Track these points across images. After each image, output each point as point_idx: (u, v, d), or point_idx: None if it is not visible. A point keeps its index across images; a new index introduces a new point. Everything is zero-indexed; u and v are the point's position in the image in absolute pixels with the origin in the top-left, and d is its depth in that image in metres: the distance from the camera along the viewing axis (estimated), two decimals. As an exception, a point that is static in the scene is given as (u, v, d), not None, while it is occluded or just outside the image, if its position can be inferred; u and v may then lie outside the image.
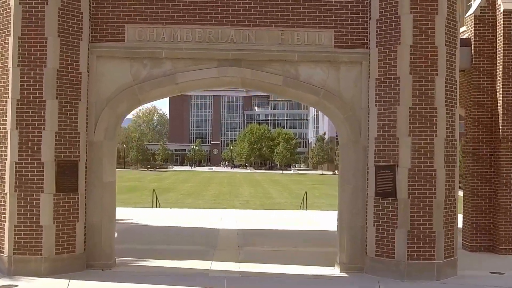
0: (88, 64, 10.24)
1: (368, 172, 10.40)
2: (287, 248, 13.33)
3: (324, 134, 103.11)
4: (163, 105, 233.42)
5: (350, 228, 10.55)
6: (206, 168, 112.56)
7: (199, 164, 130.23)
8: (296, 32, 10.43)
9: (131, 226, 17.28)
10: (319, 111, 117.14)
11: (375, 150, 10.24)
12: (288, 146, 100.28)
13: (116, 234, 15.20)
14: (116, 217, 20.09)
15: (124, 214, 20.70)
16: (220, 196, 42.50)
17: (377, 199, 10.15)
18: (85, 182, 10.17)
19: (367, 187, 10.40)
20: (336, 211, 25.75)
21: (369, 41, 10.42)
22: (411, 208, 9.88)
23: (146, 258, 11.58)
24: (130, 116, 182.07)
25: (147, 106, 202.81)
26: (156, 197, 25.86)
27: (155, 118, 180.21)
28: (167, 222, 18.31)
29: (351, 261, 10.49)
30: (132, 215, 20.36)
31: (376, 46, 10.23)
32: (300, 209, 26.35)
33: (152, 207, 25.08)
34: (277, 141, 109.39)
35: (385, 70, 10.13)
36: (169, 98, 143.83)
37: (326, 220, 19.67)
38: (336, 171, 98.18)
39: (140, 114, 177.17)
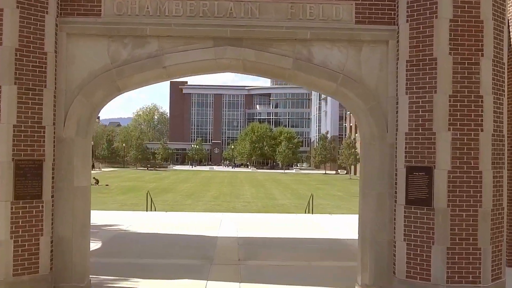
0: (56, 43, 8.40)
1: (396, 175, 8.55)
2: (297, 262, 11.49)
3: (327, 133, 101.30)
4: (163, 104, 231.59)
5: (374, 243, 8.70)
6: (207, 168, 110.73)
7: (199, 163, 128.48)
8: (309, 4, 8.58)
9: (119, 233, 15.45)
10: (322, 109, 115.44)
11: (405, 148, 8.38)
12: (290, 145, 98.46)
13: (99, 244, 13.40)
14: (105, 223, 18.35)
15: (115, 218, 18.89)
16: (220, 197, 40.69)
17: (408, 208, 8.31)
18: (52, 187, 8.34)
19: (396, 194, 8.56)
20: (346, 216, 23.97)
21: (398, 15, 8.57)
22: (451, 220, 8.03)
23: (130, 276, 9.75)
24: (130, 115, 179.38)
25: (148, 104, 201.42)
26: (151, 199, 24.01)
27: (156, 117, 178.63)
28: (160, 229, 16.49)
29: (375, 283, 8.65)
30: (124, 219, 18.55)
31: (407, 21, 8.37)
32: (305, 213, 24.50)
33: (146, 210, 23.26)
34: (279, 140, 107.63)
35: (418, 50, 8.28)
36: (170, 96, 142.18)
37: (336, 226, 17.82)
38: (339, 170, 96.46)
39: (141, 112, 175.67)
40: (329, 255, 12.40)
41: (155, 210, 24.04)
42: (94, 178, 52.77)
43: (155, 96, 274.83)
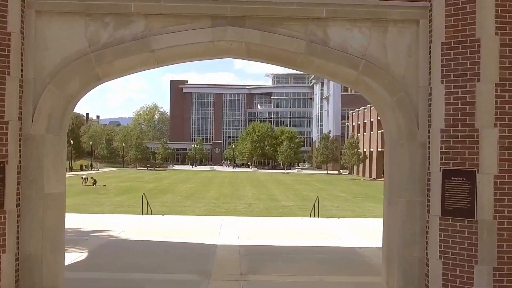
0: (22, 22, 7.04)
1: (430, 181, 7.18)
2: (307, 277, 10.10)
3: (329, 132, 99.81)
4: (164, 104, 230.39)
5: (402, 260, 7.33)
6: (207, 167, 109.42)
7: (200, 163, 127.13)
8: (325, -23, 7.21)
9: (109, 241, 14.07)
10: (323, 109, 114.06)
11: (441, 148, 7.01)
12: (291, 145, 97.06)
13: (85, 254, 12.03)
14: (96, 228, 16.92)
15: (108, 223, 17.52)
16: (220, 198, 39.34)
17: (445, 220, 6.93)
18: (18, 194, 6.97)
19: (429, 202, 7.18)
20: (354, 220, 22.52)
21: (431, -11, 7.20)
22: (499, 235, 6.66)
23: (113, 297, 8.37)
24: (130, 115, 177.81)
25: (148, 104, 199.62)
26: (147, 202, 22.63)
27: (156, 117, 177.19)
28: (155, 235, 15.11)
29: (403, 307, 7.27)
30: (117, 224, 17.19)
31: (443, -5, 7.01)
32: (311, 216, 23.11)
33: (142, 214, 21.87)
34: (280, 140, 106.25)
35: (456, 30, 6.90)
36: (170, 95, 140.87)
37: (344, 231, 16.44)
38: (341, 170, 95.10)
39: (141, 112, 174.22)
40: (343, 268, 11.01)
41: (151, 213, 22.67)
42: (92, 178, 51.46)
43: (156, 96, 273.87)
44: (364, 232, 16.21)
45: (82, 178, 51.03)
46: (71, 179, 59.33)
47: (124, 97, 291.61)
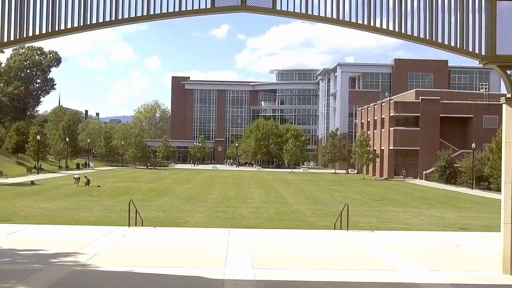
0: None
1: None
2: None
3: (337, 130, 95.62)
4: (165, 101, 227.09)
5: None
6: (209, 166, 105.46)
7: (202, 161, 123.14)
8: None
9: (71, 273, 10.08)
10: (330, 106, 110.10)
11: None
12: (297, 143, 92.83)
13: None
14: (61, 250, 12.32)
15: (81, 239, 13.56)
16: (224, 201, 35.27)
17: None
18: None
19: None
20: (391, 233, 18.41)
21: None
22: None
23: None
24: (132, 113, 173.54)
25: (149, 101, 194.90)
26: (136, 210, 18.60)
27: (157, 114, 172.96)
28: (138, 261, 11.12)
29: None
30: (92, 242, 13.23)
31: None
32: (336, 228, 19.09)
33: (129, 225, 17.85)
34: (286, 138, 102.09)
35: None
36: (171, 92, 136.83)
37: (390, 252, 12.41)
38: (349, 169, 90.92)
39: (142, 110, 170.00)
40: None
41: (142, 224, 18.67)
42: (85, 177, 47.54)
43: (158, 95, 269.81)
44: (416, 254, 12.20)
45: (74, 178, 47.03)
46: (63, 179, 55.39)
47: (126, 97, 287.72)
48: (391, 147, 71.71)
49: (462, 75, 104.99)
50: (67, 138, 78.28)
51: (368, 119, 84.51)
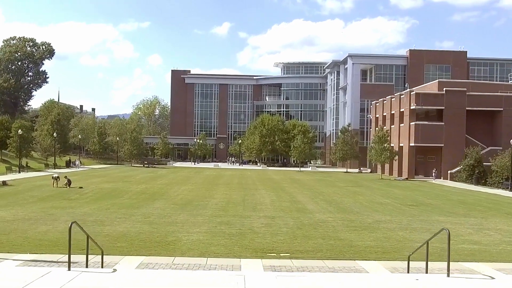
0: None
1: None
2: None
3: (349, 125, 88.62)
4: (165, 96, 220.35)
5: None
6: (211, 165, 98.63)
7: (203, 159, 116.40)
8: None
9: None
10: (340, 100, 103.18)
11: None
12: (305, 140, 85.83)
13: None
14: None
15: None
16: (229, 208, 28.41)
17: None
18: None
19: None
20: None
21: None
22: None
23: None
24: (130, 109, 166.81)
25: (149, 97, 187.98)
26: (88, 238, 11.62)
27: (157, 111, 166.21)
28: None
29: None
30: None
31: None
32: (410, 259, 12.21)
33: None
34: (292, 134, 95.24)
35: None
36: (171, 86, 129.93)
37: None
38: (361, 168, 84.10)
39: (141, 105, 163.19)
40: None
41: (101, 255, 11.79)
42: (65, 177, 40.78)
43: (161, 93, 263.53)
44: None
45: (53, 177, 40.26)
46: (44, 178, 48.14)
47: (127, 94, 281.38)
48: (412, 144, 64.81)
49: (482, 67, 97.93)
50: (54, 133, 71.40)
51: (384, 114, 77.55)
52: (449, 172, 61.91)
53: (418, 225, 23.60)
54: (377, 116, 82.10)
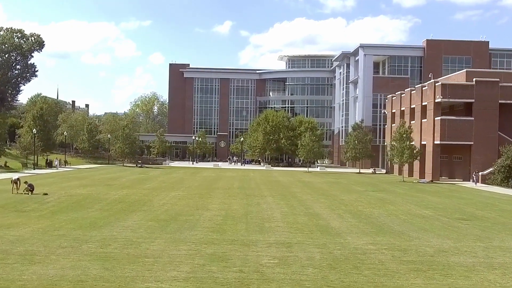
0: None
1: None
2: None
3: (362, 121, 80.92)
4: (163, 92, 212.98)
5: None
6: (210, 164, 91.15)
7: (203, 158, 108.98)
8: None
9: None
10: (350, 95, 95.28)
11: None
12: (313, 137, 78.18)
13: None
14: None
15: None
16: (226, 227, 20.56)
17: None
18: None
19: None
20: None
21: None
22: None
23: None
24: (127, 106, 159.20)
25: (147, 94, 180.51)
26: None
27: (156, 108, 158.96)
28: None
29: None
30: None
31: None
32: None
33: None
34: (299, 131, 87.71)
35: None
36: (169, 81, 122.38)
37: None
38: (375, 169, 76.58)
39: (139, 102, 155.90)
40: None
41: None
42: (25, 182, 33.26)
43: (162, 91, 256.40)
44: None
45: (13, 181, 32.78)
46: (4, 182, 39.67)
47: (128, 92, 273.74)
48: (437, 142, 57.15)
49: (505, 59, 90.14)
50: (34, 130, 63.87)
51: (402, 108, 69.85)
52: (480, 174, 54.24)
53: (499, 256, 16.03)
54: (393, 111, 74.47)
